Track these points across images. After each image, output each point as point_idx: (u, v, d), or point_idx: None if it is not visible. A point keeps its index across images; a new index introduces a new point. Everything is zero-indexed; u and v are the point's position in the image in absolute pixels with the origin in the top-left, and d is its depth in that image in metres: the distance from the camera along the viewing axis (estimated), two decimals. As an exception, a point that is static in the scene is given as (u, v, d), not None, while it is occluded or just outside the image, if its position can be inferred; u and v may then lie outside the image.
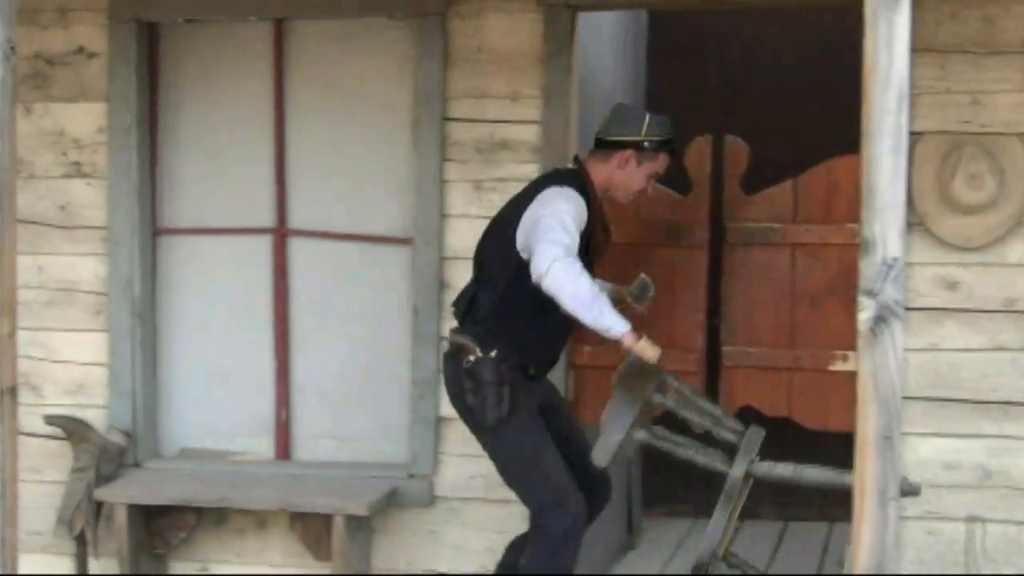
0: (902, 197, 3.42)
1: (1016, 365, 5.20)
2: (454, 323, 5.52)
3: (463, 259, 5.58)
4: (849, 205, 5.32)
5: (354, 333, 5.79)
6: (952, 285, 5.24)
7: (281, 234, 5.79)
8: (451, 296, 5.58)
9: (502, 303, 4.79)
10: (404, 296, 5.68)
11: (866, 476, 3.47)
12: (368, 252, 5.74)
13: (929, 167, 5.20)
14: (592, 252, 4.87)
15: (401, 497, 5.64)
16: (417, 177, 5.58)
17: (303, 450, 5.88)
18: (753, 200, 5.45)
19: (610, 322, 4.55)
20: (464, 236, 5.57)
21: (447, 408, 5.58)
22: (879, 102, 3.41)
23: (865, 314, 3.46)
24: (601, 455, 4.68)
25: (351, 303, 5.79)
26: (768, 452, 5.99)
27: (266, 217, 5.81)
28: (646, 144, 4.86)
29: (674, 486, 7.33)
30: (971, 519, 5.06)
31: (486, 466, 5.56)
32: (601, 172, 4.90)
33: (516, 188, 5.47)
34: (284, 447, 5.86)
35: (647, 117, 4.92)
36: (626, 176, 4.91)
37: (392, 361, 5.74)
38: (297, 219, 5.80)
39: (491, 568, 5.60)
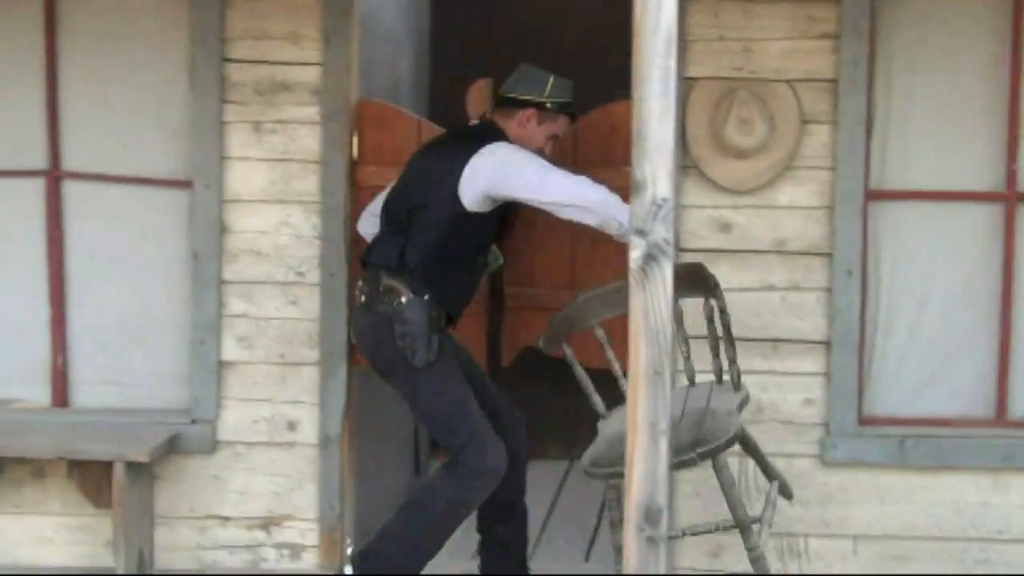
0: (671, 139, 3.52)
1: (786, 303, 5.39)
2: (236, 265, 5.52)
3: (244, 202, 5.54)
4: (627, 149, 5.28)
5: (133, 278, 5.67)
6: (725, 227, 5.39)
7: (55, 177, 5.63)
8: (231, 239, 5.54)
9: (434, 253, 4.84)
10: (183, 240, 5.59)
11: (638, 410, 3.57)
12: (146, 195, 5.62)
13: (703, 112, 5.33)
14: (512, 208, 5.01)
15: (184, 443, 5.57)
16: (195, 119, 5.49)
17: (82, 397, 5.74)
18: (534, 143, 5.50)
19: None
20: (244, 179, 5.51)
21: (229, 352, 5.56)
22: (648, 46, 3.49)
23: (636, 252, 3.55)
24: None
25: (129, 247, 5.66)
26: (553, 392, 6.08)
27: (38, 160, 5.64)
28: (548, 105, 4.98)
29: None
30: (744, 453, 5.23)
31: (269, 410, 5.58)
32: (510, 130, 5.00)
33: (297, 130, 5.49)
34: (61, 394, 5.73)
35: (551, 79, 5.01)
36: (526, 134, 5.00)
37: (172, 306, 5.65)
38: (71, 162, 5.65)
39: (276, 511, 5.61)
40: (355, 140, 5.51)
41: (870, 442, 5.39)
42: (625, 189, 5.32)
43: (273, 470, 5.61)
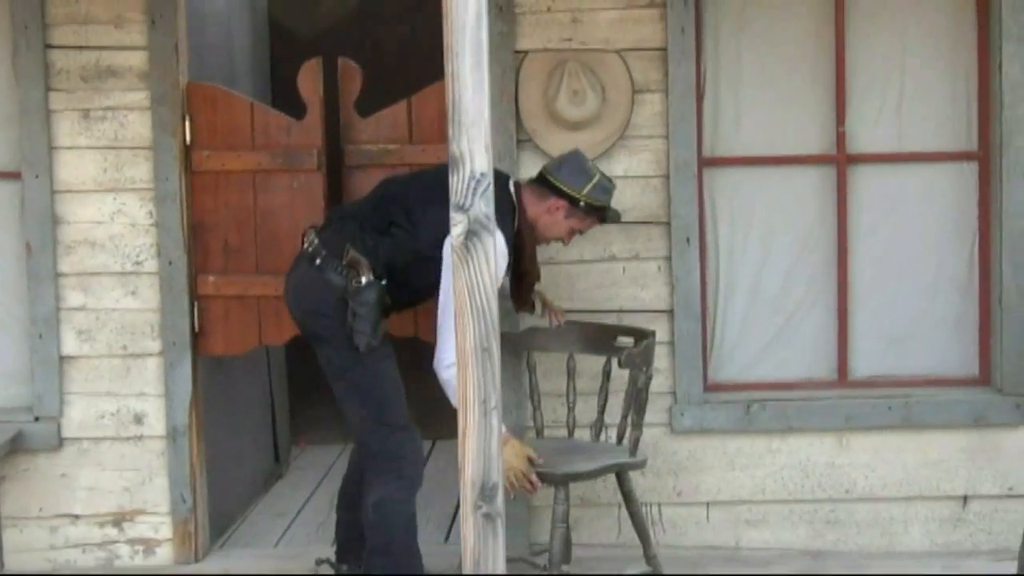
0: (486, 113, 3.50)
1: (628, 274, 5.41)
2: (72, 257, 5.41)
3: (76, 192, 5.44)
4: (462, 124, 5.39)
5: (-34, 274, 5.55)
6: (564, 199, 5.39)
7: None
8: (65, 231, 5.43)
9: (402, 265, 4.65)
10: (17, 233, 5.46)
11: (468, 387, 3.56)
12: (-25, 188, 5.50)
13: (535, 85, 5.33)
14: (523, 282, 4.86)
15: (29, 441, 5.46)
16: (21, 109, 5.36)
17: (-82, 398, 5.61)
18: (369, 122, 5.46)
19: None
20: (75, 168, 5.41)
21: (70, 347, 5.45)
22: (459, 18, 3.46)
23: (457, 229, 3.53)
24: None
25: (-40, 243, 5.54)
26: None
27: None
28: (581, 204, 4.77)
29: (325, 413, 7.32)
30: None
31: (115, 404, 5.49)
32: (533, 207, 4.79)
33: (127, 117, 5.39)
34: (-96, 396, 5.58)
35: (595, 179, 4.79)
36: (551, 222, 4.81)
37: (8, 300, 5.52)
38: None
39: (128, 507, 5.51)
40: (187, 124, 5.41)
41: (716, 409, 5.44)
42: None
43: (122, 465, 5.52)
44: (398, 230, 4.68)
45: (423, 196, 4.69)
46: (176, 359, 5.45)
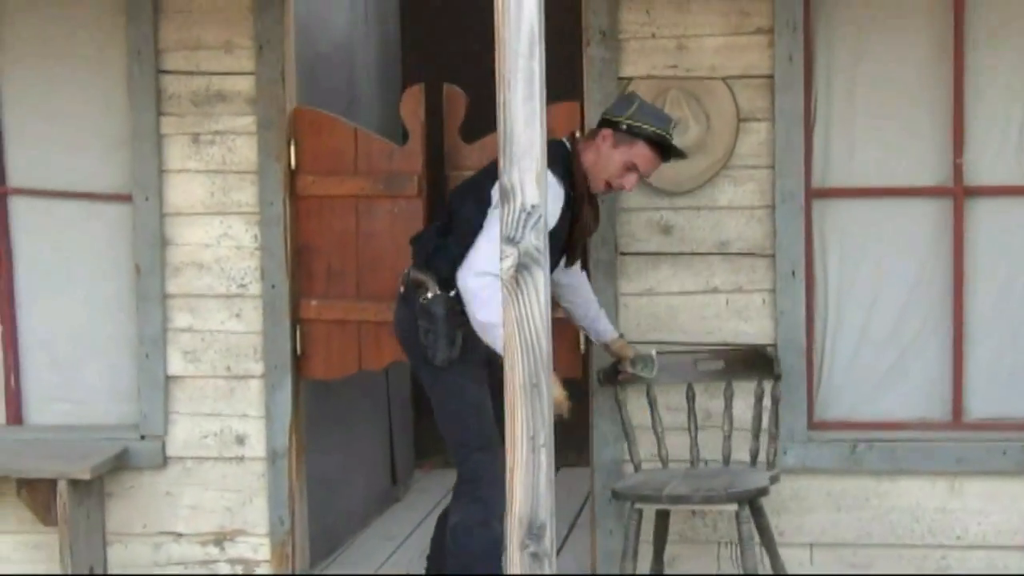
0: (538, 143, 3.43)
1: (730, 306, 5.28)
2: (180, 279, 5.49)
3: (184, 215, 5.52)
4: (565, 152, 5.33)
5: (82, 293, 5.66)
6: (666, 229, 5.29)
7: (1, 193, 5.63)
8: (174, 253, 5.52)
9: (462, 258, 4.60)
10: (127, 254, 5.56)
11: (516, 423, 3.49)
12: (89, 210, 5.61)
13: (639, 112, 5.23)
14: (577, 234, 4.75)
15: (134, 459, 5.55)
16: (133, 132, 5.47)
17: (36, 414, 5.74)
18: (473, 148, 5.43)
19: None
20: (184, 191, 5.50)
21: (175, 366, 5.54)
22: (511, 47, 3.40)
23: (507, 262, 3.47)
24: None
25: (76, 262, 5.66)
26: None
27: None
28: (624, 126, 4.63)
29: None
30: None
31: (218, 424, 5.55)
32: (586, 152, 4.72)
33: (234, 141, 5.46)
34: (16, 412, 5.72)
35: (637, 102, 4.71)
36: (600, 160, 4.67)
37: (121, 321, 5.63)
38: (17, 178, 5.65)
39: (228, 527, 5.57)
40: (292, 149, 5.45)
41: (821, 447, 5.26)
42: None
43: (224, 485, 5.58)
44: (449, 237, 4.66)
45: (459, 195, 4.72)
46: (277, 382, 5.49)
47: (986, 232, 5.25)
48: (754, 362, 5.15)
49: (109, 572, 5.61)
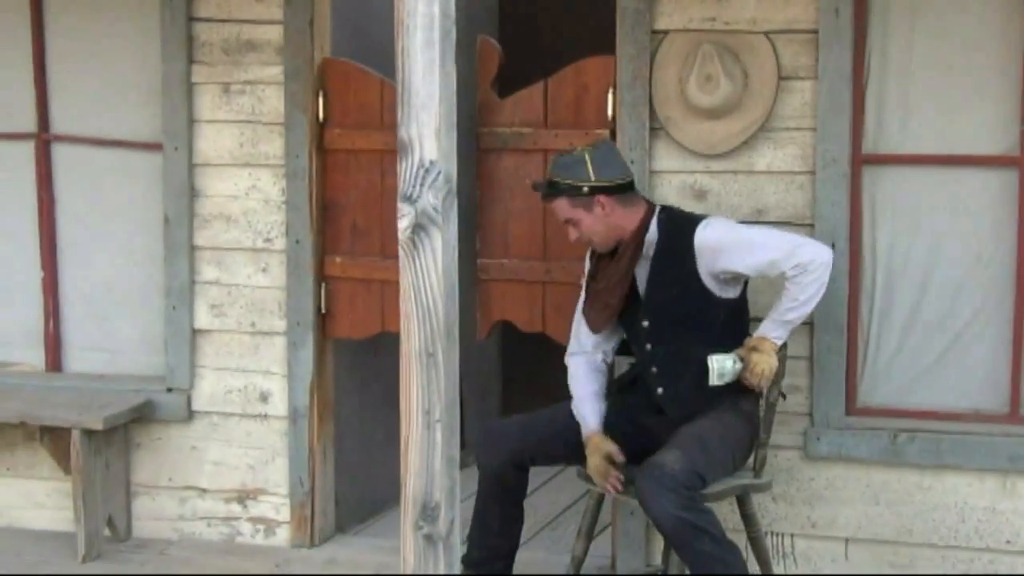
0: (437, 95, 3.17)
1: (767, 280, 4.87)
2: (208, 231, 5.41)
3: (213, 166, 5.41)
4: (598, 110, 5.03)
5: (118, 243, 5.61)
6: (700, 193, 4.94)
7: (43, 140, 5.61)
8: (203, 204, 5.42)
9: None
10: (157, 204, 5.47)
11: (411, 396, 3.26)
12: (126, 159, 5.54)
13: (671, 69, 4.89)
14: (594, 301, 4.61)
15: (161, 411, 5.49)
16: (164, 81, 5.36)
17: (75, 362, 5.73)
18: (506, 103, 5.17)
19: None
20: (214, 142, 5.38)
21: (202, 320, 5.45)
22: (410, -9, 3.14)
23: (404, 222, 3.23)
24: None
25: (114, 212, 5.60)
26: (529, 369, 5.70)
27: (27, 122, 5.62)
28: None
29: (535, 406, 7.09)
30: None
31: (243, 380, 5.46)
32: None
33: (264, 91, 5.32)
34: (55, 359, 5.72)
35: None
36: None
37: (154, 272, 5.55)
38: (60, 126, 5.61)
39: (251, 485, 5.46)
40: (320, 101, 5.27)
41: (858, 436, 4.84)
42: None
43: (248, 442, 5.47)
44: None
45: None
46: (300, 339, 5.33)
47: (1054, 207, 4.74)
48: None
49: (138, 522, 5.56)
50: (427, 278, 3.20)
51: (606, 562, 5.17)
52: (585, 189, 4.38)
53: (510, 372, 7.24)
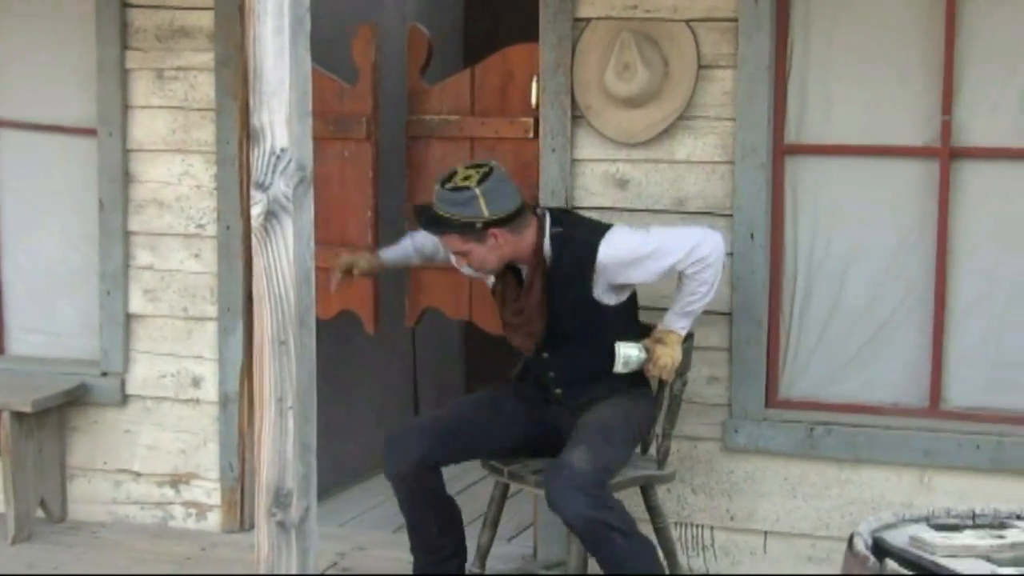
0: (287, 82, 3.16)
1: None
2: (142, 216, 5.42)
3: (147, 151, 5.43)
4: (523, 98, 5.01)
5: (58, 227, 5.64)
6: (622, 183, 4.92)
7: (-12, 125, 5.66)
8: (137, 190, 5.44)
9: None
10: (91, 189, 5.49)
11: (263, 383, 3.25)
12: (65, 144, 5.56)
13: (593, 57, 4.86)
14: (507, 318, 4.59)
15: (95, 395, 5.52)
16: (99, 66, 5.38)
17: (17, 344, 5.77)
18: (434, 91, 5.17)
19: None
20: (147, 127, 5.40)
21: (136, 305, 5.47)
22: (260, -23, 3.13)
23: (256, 209, 3.22)
24: None
25: (54, 196, 5.63)
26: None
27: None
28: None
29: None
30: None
31: (175, 365, 5.47)
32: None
33: (196, 77, 5.32)
34: (-1, 341, 5.78)
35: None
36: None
37: (91, 257, 5.57)
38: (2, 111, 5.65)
39: (183, 469, 5.48)
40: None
41: (775, 428, 4.82)
42: (518, 141, 5.02)
43: (179, 427, 5.49)
44: None
45: None
46: (230, 325, 5.35)
47: (976, 199, 4.69)
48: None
49: (73, 505, 5.59)
50: (279, 265, 3.20)
51: (528, 551, 5.16)
52: (479, 225, 4.29)
53: (474, 353, 7.21)
